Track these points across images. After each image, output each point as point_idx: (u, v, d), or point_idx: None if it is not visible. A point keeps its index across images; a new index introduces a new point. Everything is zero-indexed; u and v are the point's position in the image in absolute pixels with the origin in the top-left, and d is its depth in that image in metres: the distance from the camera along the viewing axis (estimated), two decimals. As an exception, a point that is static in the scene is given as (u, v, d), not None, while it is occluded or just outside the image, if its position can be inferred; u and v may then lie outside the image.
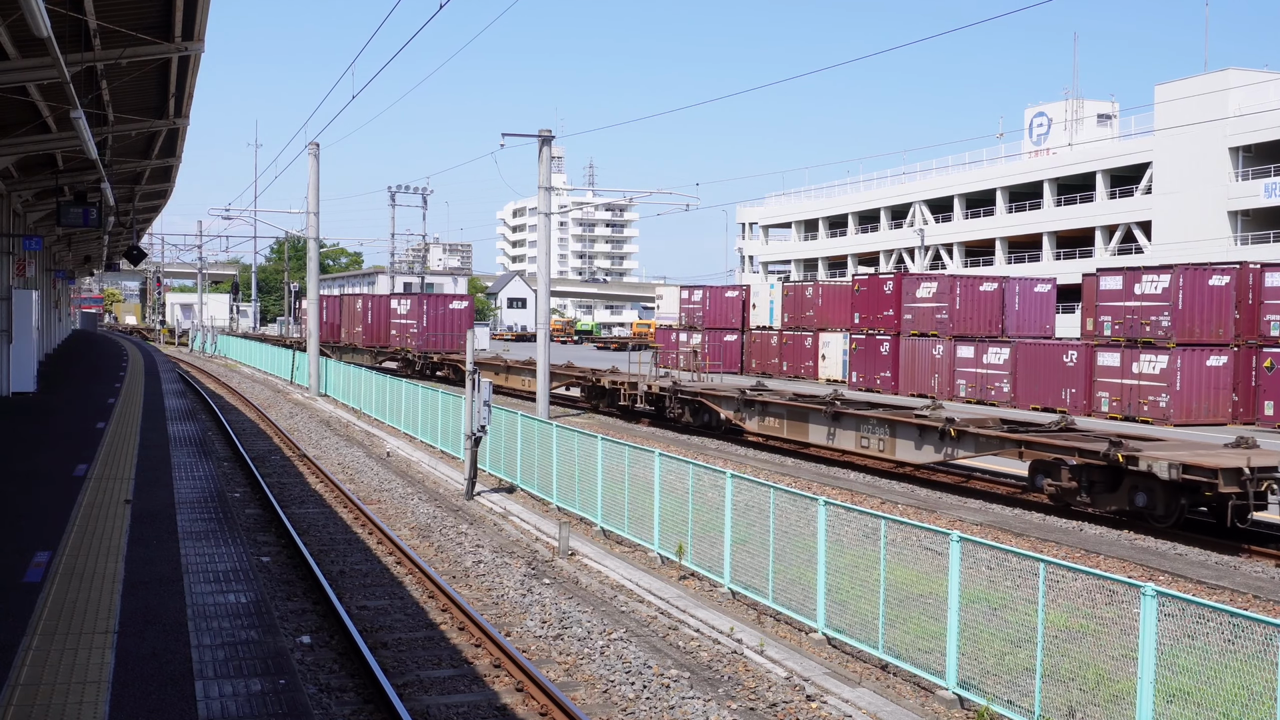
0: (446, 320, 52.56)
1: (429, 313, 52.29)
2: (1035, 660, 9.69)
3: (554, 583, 15.11)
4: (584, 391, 39.00)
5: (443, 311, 52.89)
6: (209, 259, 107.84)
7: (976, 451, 22.16)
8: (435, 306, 52.97)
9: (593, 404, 38.11)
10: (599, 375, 37.24)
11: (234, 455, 26.20)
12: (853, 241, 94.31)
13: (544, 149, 33.34)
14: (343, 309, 61.94)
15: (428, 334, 51.87)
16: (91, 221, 27.63)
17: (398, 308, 54.32)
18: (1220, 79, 61.56)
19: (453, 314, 52.96)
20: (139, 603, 10.35)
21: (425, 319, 51.87)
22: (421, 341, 51.72)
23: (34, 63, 17.32)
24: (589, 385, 38.05)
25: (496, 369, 43.49)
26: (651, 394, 33.86)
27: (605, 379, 36.49)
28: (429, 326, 51.79)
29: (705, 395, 31.71)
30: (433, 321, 52.06)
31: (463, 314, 53.20)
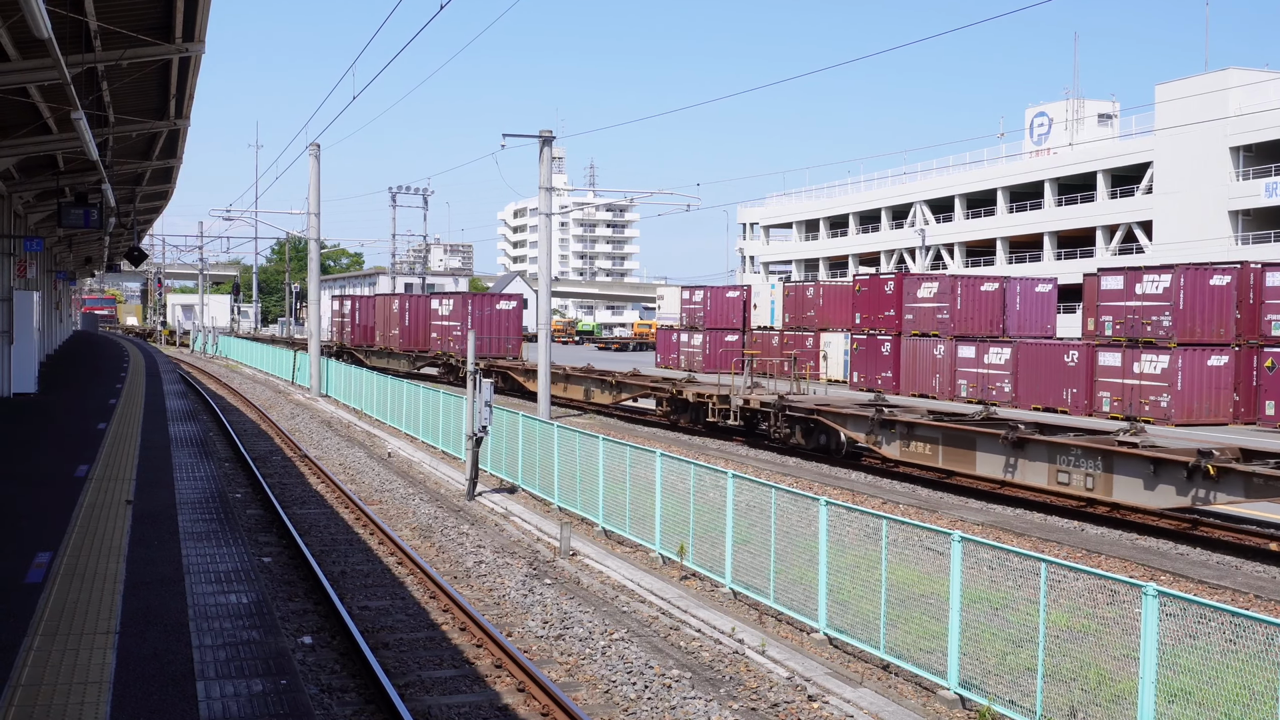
0: (493, 322, 48.43)
1: (474, 314, 48.27)
2: (1037, 660, 9.69)
3: (555, 583, 15.11)
4: (661, 404, 34.31)
5: (489, 313, 48.81)
6: (210, 260, 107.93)
7: (1248, 495, 17.20)
8: (481, 307, 48.99)
9: (671, 419, 33.69)
10: (678, 386, 33.25)
11: (235, 456, 26.21)
12: (854, 242, 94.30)
13: (545, 149, 33.35)
14: (377, 310, 58.02)
15: None
16: (92, 223, 27.63)
17: (439, 309, 50.81)
18: (1221, 78, 61.54)
19: (500, 315, 48.87)
20: (140, 603, 10.35)
21: (470, 321, 47.43)
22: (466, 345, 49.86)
23: (35, 64, 17.32)
24: (667, 397, 33.56)
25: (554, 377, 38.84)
26: (749, 409, 29.54)
27: (688, 390, 32.30)
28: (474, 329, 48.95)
29: (824, 412, 26.78)
30: (478, 324, 47.27)
31: (511, 315, 49.34)
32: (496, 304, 49.49)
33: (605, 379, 37.08)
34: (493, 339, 47.68)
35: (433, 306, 51.40)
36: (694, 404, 32.11)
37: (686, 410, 32.92)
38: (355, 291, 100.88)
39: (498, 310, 49.10)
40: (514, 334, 48.85)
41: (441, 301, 51.28)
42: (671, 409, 33.62)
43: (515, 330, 49.10)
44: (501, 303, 49.75)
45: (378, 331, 57.30)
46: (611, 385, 36.64)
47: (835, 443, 26.95)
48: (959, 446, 22.20)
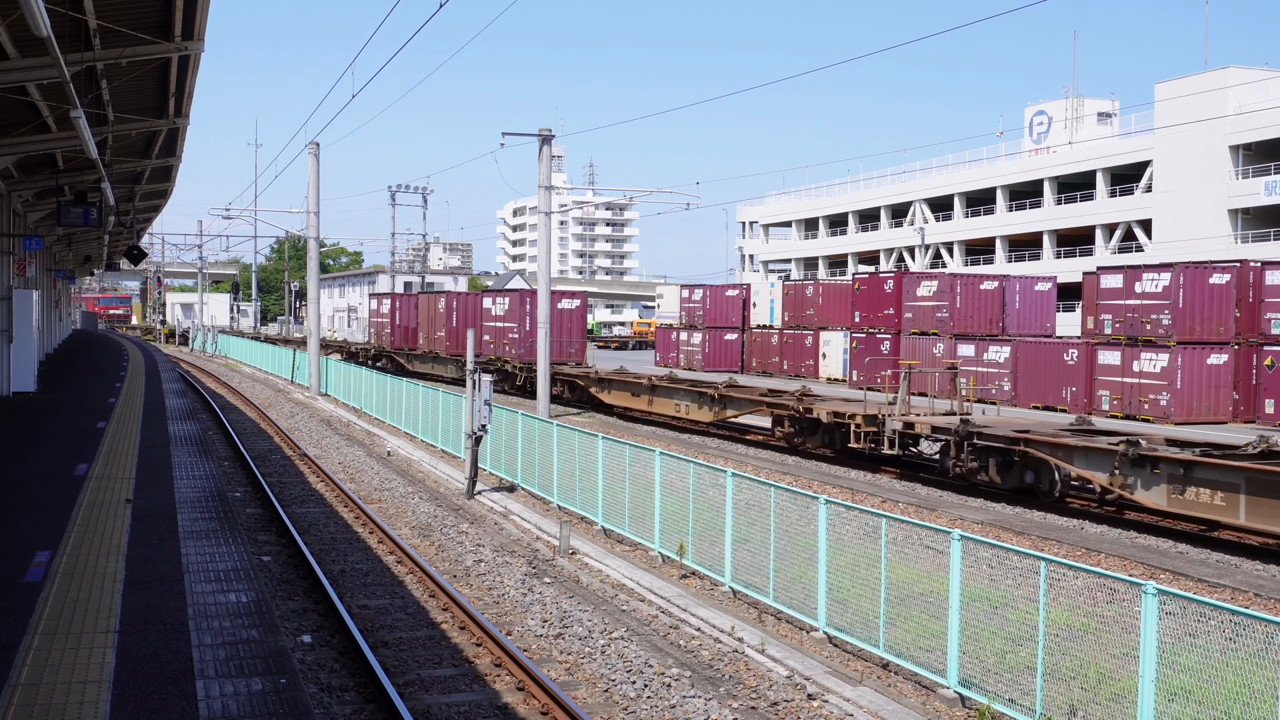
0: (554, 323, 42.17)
1: (533, 314, 42.15)
2: (1036, 659, 9.69)
3: (555, 582, 15.11)
4: (781, 424, 28.29)
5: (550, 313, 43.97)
6: (209, 259, 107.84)
7: None
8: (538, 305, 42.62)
9: (795, 443, 27.75)
10: (805, 402, 27.36)
11: (234, 454, 26.20)
12: (853, 240, 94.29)
13: (544, 148, 33.34)
14: (420, 310, 52.81)
15: (531, 340, 42.08)
16: (92, 221, 27.62)
17: (493, 308, 45.90)
18: (1220, 77, 61.53)
19: (562, 315, 43.00)
20: (140, 602, 10.34)
21: (529, 322, 42.35)
22: (524, 349, 42.71)
23: (34, 62, 17.31)
24: (790, 415, 27.66)
25: (635, 388, 34.97)
26: (911, 433, 23.72)
27: (820, 408, 26.40)
28: (533, 331, 41.13)
29: (1036, 442, 20.64)
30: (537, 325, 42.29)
31: (574, 316, 43.81)
32: (557, 303, 42.61)
33: (703, 391, 31.59)
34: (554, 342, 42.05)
35: (485, 306, 46.75)
36: (828, 425, 26.35)
37: (816, 432, 27.10)
38: (356, 290, 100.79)
39: (558, 310, 42.74)
40: (577, 336, 43.57)
41: (495, 300, 46.11)
42: (795, 430, 27.70)
43: (578, 332, 43.78)
44: (563, 301, 43.54)
45: (421, 334, 52.41)
46: (711, 399, 30.96)
47: (1048, 481, 20.90)
48: (1274, 497, 16.35)
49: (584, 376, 38.87)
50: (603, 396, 37.01)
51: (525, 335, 42.59)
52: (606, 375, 37.46)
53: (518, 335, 43.23)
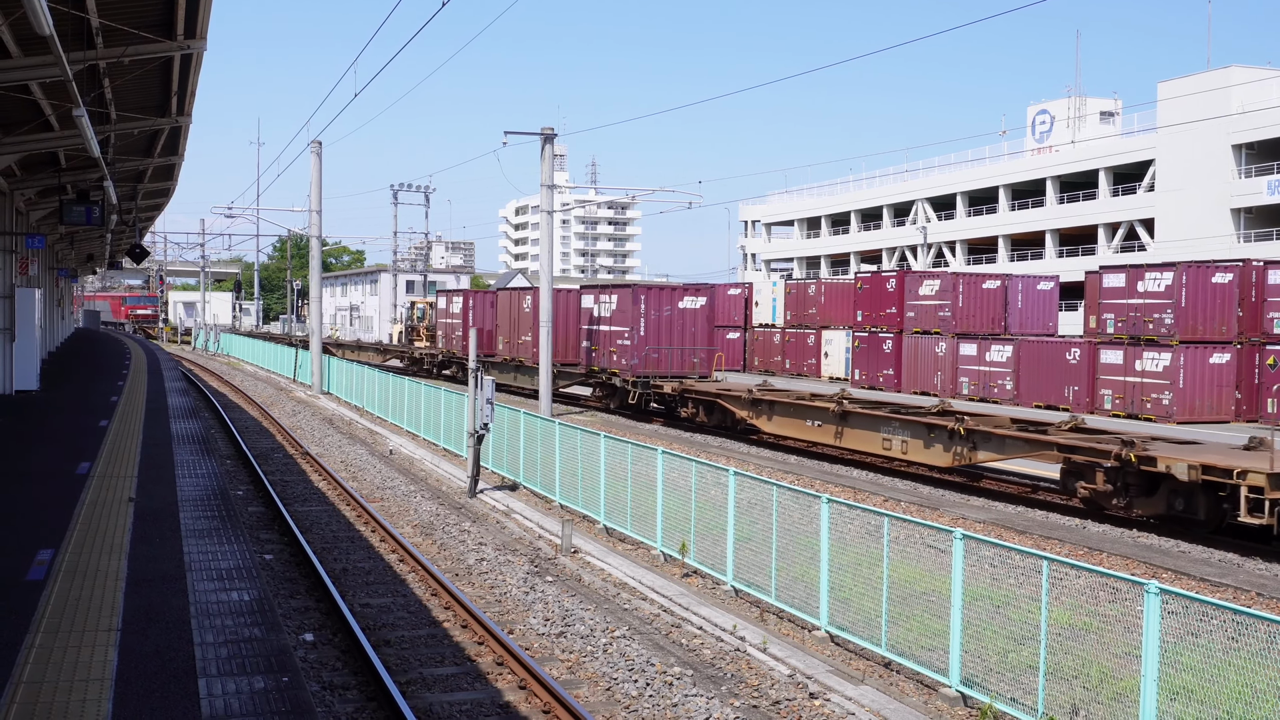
0: (675, 327, 36.04)
1: (649, 315, 35.83)
2: (1038, 658, 9.68)
3: (557, 580, 15.11)
4: (1079, 476, 19.95)
5: (668, 313, 36.04)
6: (212, 257, 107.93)
7: None
8: (657, 305, 36.09)
9: (1107, 504, 19.40)
10: (1142, 450, 18.40)
11: (237, 453, 26.22)
12: (855, 239, 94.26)
13: (546, 147, 33.34)
14: (500, 311, 45.80)
15: (647, 347, 35.43)
16: (94, 220, 27.63)
17: (596, 309, 37.90)
18: (1223, 76, 61.47)
19: (684, 316, 36.13)
20: (142, 600, 10.35)
21: (644, 325, 35.54)
22: (638, 359, 35.42)
23: (36, 61, 17.33)
24: (1104, 466, 19.14)
25: (812, 414, 27.26)
26: None
27: (1169, 459, 17.73)
28: (649, 336, 35.45)
29: None
30: (654, 328, 35.71)
31: (698, 317, 36.47)
32: (678, 301, 36.27)
33: (933, 424, 23.11)
34: (677, 351, 35.79)
35: (585, 305, 38.95)
36: (1184, 486, 17.75)
37: (1154, 493, 18.56)
38: (358, 289, 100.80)
39: (680, 310, 36.13)
40: (702, 342, 36.37)
41: (600, 299, 38.07)
42: (1115, 489, 19.07)
43: (705, 337, 36.60)
44: (685, 299, 36.46)
45: (500, 338, 45.43)
46: (949, 435, 22.51)
47: None
48: None
49: (729, 395, 30.62)
50: (761, 424, 29.23)
51: (640, 342, 35.38)
52: (766, 394, 29.24)
53: (630, 342, 35.45)
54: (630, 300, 35.88)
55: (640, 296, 35.99)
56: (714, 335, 37.67)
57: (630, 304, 35.79)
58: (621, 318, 36.31)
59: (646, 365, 35.29)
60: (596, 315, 37.94)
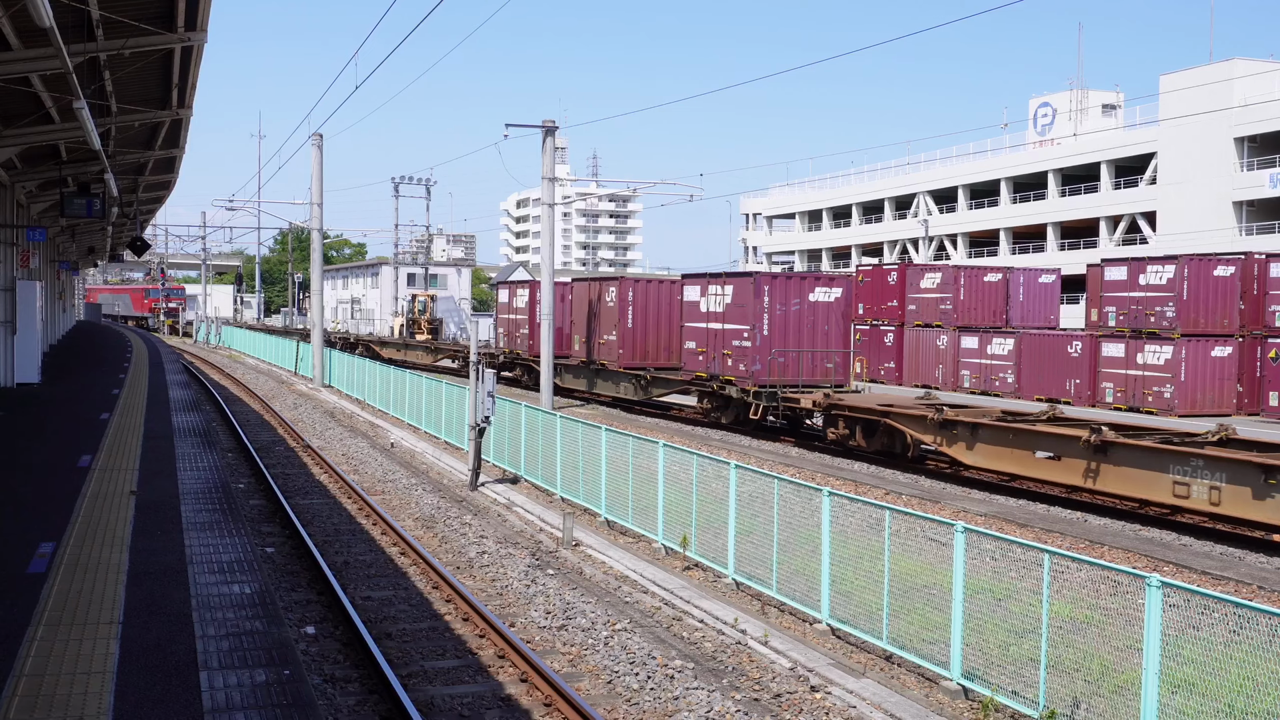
0: (804, 324, 30.01)
1: (774, 309, 29.76)
2: (1040, 651, 9.68)
3: (558, 573, 15.11)
4: None
5: (796, 308, 29.98)
6: (213, 250, 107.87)
7: None
8: (783, 297, 29.97)
9: None
10: None
11: (238, 446, 26.22)
12: (857, 232, 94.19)
13: (547, 140, 33.31)
14: (574, 305, 39.90)
15: (774, 350, 29.52)
16: (95, 212, 27.60)
17: (704, 302, 32.14)
18: (1225, 69, 61.38)
19: (815, 311, 30.11)
20: (143, 593, 10.35)
21: (768, 322, 29.60)
22: (760, 364, 29.60)
23: (37, 53, 17.29)
24: None
25: (1045, 443, 20.70)
26: None
27: None
28: (774, 336, 29.67)
29: None
30: (780, 326, 29.73)
31: (832, 311, 30.36)
32: (808, 292, 30.14)
33: None
34: (808, 358, 29.76)
35: (687, 298, 33.10)
36: None
37: None
38: (359, 281, 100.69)
39: (811, 303, 30.03)
40: (838, 343, 30.44)
41: (709, 290, 31.98)
42: None
43: (840, 336, 30.58)
44: (817, 290, 30.31)
45: (576, 337, 39.48)
46: None
47: None
48: None
49: (902, 413, 24.26)
50: (956, 453, 22.62)
51: (764, 343, 29.38)
52: (965, 415, 22.65)
53: (750, 343, 29.38)
54: (750, 292, 29.77)
55: (764, 288, 29.79)
56: (850, 334, 31.14)
57: (750, 296, 29.74)
58: (738, 313, 30.38)
59: (772, 372, 29.22)
60: (705, 310, 32.00)
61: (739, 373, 29.92)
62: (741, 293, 30.29)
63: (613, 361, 35.99)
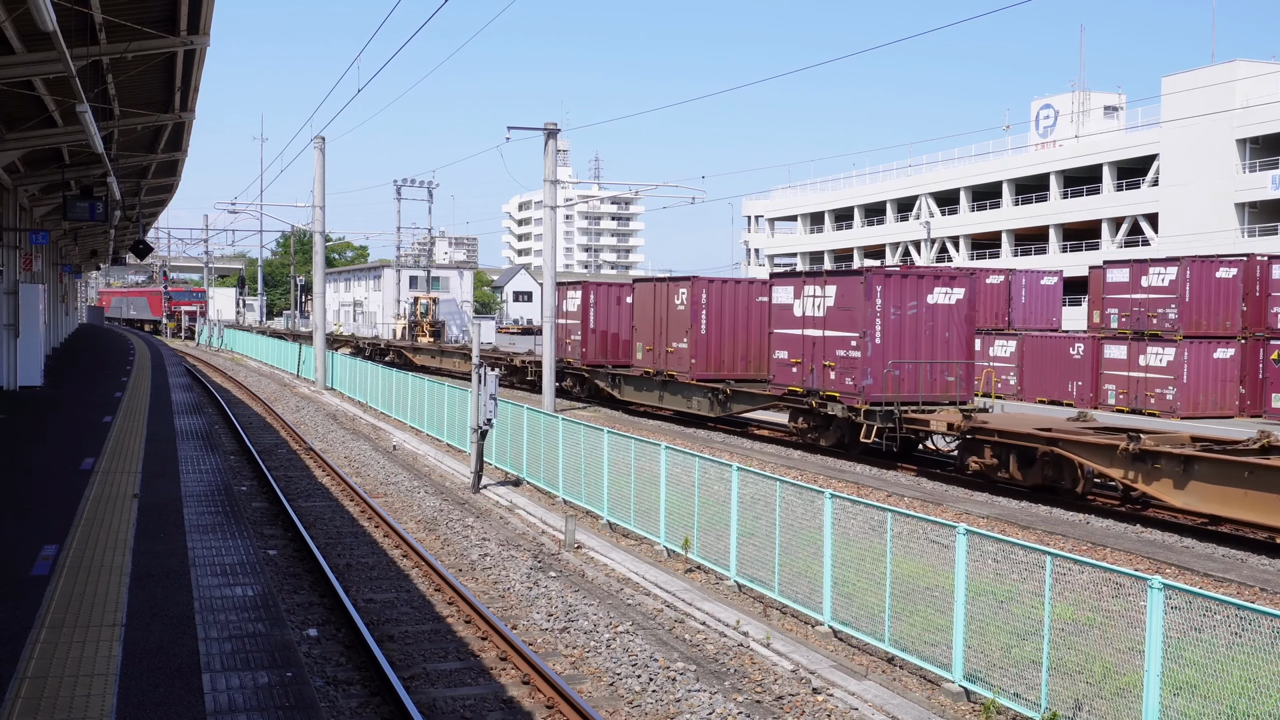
0: (921, 331, 25.61)
1: (885, 313, 25.25)
2: (1042, 653, 9.68)
3: (560, 576, 15.12)
4: None
5: (913, 311, 25.47)
6: (215, 253, 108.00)
7: None
8: (898, 299, 25.37)
9: None
10: None
11: (240, 449, 26.24)
12: (858, 234, 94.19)
13: (549, 142, 33.33)
14: (638, 308, 35.57)
15: (886, 362, 25.07)
16: (98, 216, 27.64)
17: (799, 305, 27.49)
18: (1227, 70, 61.36)
19: (934, 316, 25.70)
20: (146, 596, 10.36)
21: (880, 328, 25.18)
22: (872, 377, 25.14)
23: (40, 57, 17.33)
24: None
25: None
26: None
27: None
28: (888, 345, 25.23)
29: None
30: (894, 333, 25.26)
31: (954, 315, 25.82)
32: (926, 292, 25.67)
33: None
34: (924, 367, 25.41)
35: (778, 300, 28.57)
36: None
37: None
38: (362, 284, 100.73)
39: (930, 306, 25.66)
40: (959, 353, 25.90)
41: (805, 290, 27.43)
42: None
43: (961, 345, 25.98)
44: (936, 290, 25.79)
45: (639, 345, 35.34)
46: None
47: None
48: None
49: (1081, 442, 20.12)
50: (1161, 493, 18.65)
51: (876, 353, 25.15)
52: (1181, 448, 18.44)
53: (860, 353, 25.22)
54: (860, 293, 25.41)
55: (876, 288, 25.29)
56: (972, 341, 26.75)
57: (860, 299, 25.36)
58: (843, 319, 26.01)
59: (886, 386, 24.97)
60: (800, 315, 27.44)
61: (844, 388, 25.79)
62: (848, 294, 26.01)
63: (683, 372, 32.37)
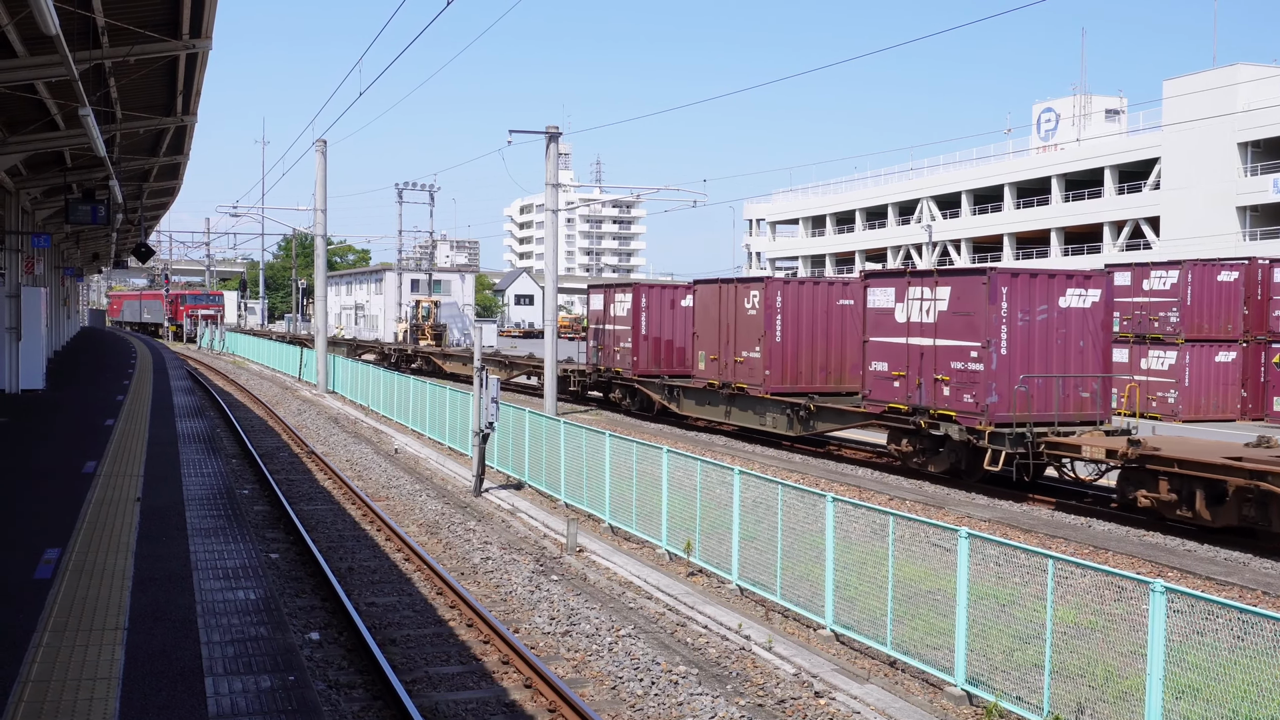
0: (1052, 339, 21.95)
1: (1012, 319, 21.60)
2: (1044, 657, 9.67)
3: (562, 579, 15.12)
4: None
5: (1044, 316, 21.87)
6: (217, 256, 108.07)
7: None
8: (1027, 303, 21.74)
9: None
10: None
11: (242, 452, 26.25)
12: (860, 238, 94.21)
13: (551, 146, 33.35)
14: (703, 313, 31.70)
15: (1017, 376, 21.38)
16: (100, 219, 27.68)
17: (901, 309, 23.47)
18: (1229, 74, 61.37)
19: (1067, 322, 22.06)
20: (148, 599, 10.37)
21: (1005, 336, 21.48)
22: (997, 393, 21.39)
23: (42, 60, 17.36)
24: None
25: None
26: None
27: None
28: (1015, 356, 21.59)
29: None
30: (1024, 342, 21.66)
31: (1088, 321, 22.11)
32: (1058, 295, 22.00)
33: None
34: (1053, 384, 21.63)
35: (876, 304, 24.32)
36: None
37: None
38: (363, 287, 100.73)
39: (1063, 310, 21.99)
40: (1095, 364, 22.27)
41: (909, 292, 23.36)
42: None
43: (1097, 356, 22.37)
44: (1069, 292, 22.11)
45: (701, 353, 31.53)
46: None
47: None
48: None
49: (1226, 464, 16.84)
50: None
51: (1002, 365, 21.42)
52: None
53: (983, 365, 21.38)
54: (982, 295, 21.59)
55: (1001, 289, 21.49)
56: (1110, 351, 22.88)
57: (982, 302, 21.59)
58: (961, 325, 22.12)
59: (1015, 405, 21.16)
60: (904, 320, 23.44)
61: (963, 405, 21.99)
62: (967, 296, 22.15)
63: (755, 385, 28.87)
